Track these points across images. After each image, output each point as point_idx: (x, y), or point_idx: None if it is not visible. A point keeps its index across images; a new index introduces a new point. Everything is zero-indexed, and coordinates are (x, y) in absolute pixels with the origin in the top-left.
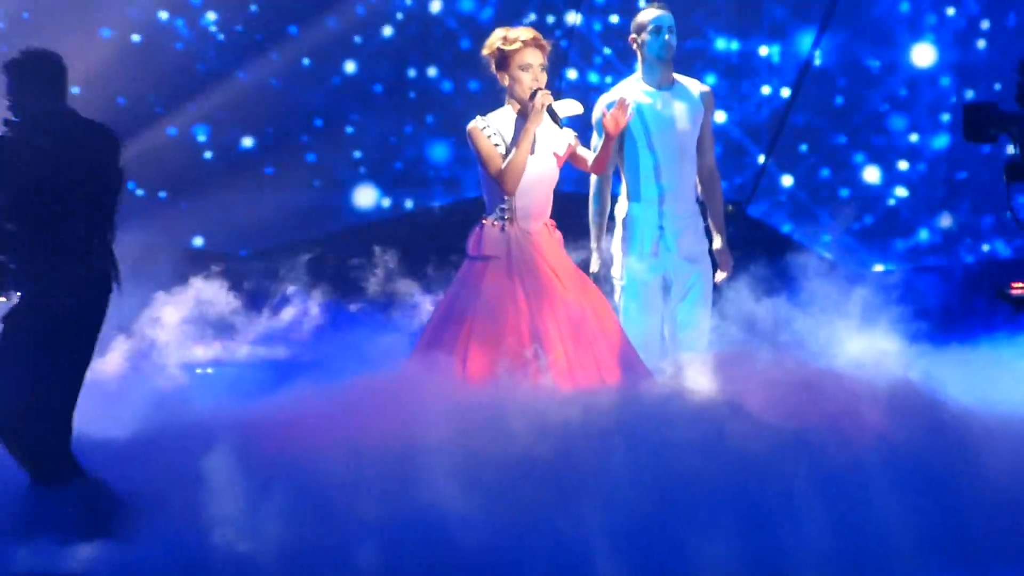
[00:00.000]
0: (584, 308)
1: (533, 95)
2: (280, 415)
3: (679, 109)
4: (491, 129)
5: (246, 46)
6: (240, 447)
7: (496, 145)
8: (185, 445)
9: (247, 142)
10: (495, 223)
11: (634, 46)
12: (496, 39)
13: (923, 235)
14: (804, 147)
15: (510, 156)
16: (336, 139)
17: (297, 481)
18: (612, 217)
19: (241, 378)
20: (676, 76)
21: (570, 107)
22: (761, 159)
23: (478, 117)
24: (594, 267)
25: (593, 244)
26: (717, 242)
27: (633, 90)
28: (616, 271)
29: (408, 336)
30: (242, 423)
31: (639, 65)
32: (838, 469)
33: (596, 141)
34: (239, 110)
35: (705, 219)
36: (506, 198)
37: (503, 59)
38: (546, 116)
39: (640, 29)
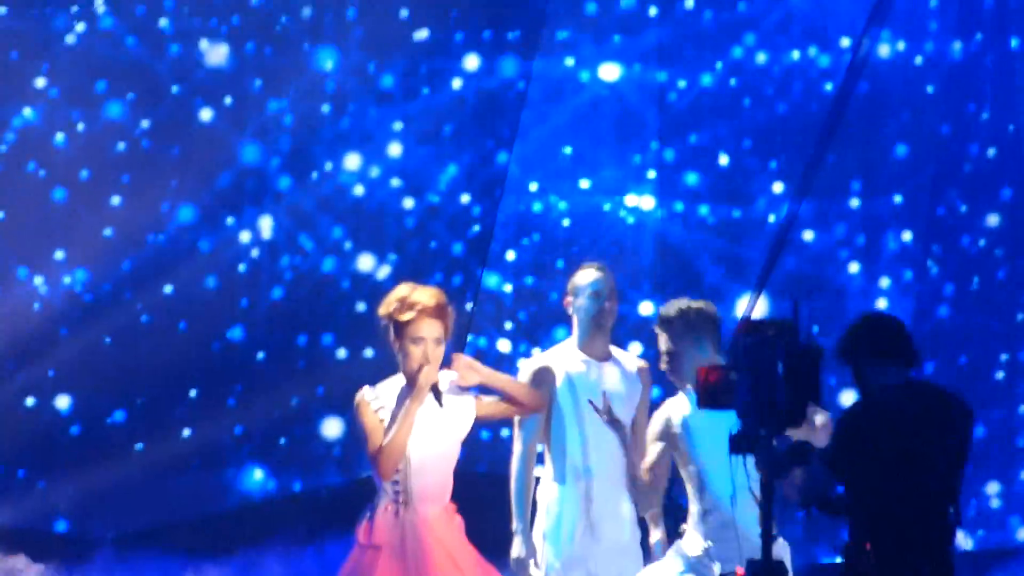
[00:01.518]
0: None
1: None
2: None
3: (613, 382)
4: (379, 402)
5: (113, 306)
6: None
7: (382, 420)
8: None
9: (117, 415)
10: (388, 507)
11: (569, 309)
12: (392, 301)
13: None
14: None
15: (388, 437)
16: (216, 412)
17: None
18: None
19: None
20: (612, 348)
21: (466, 380)
22: None
23: (365, 388)
24: (515, 551)
25: (515, 525)
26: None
27: (566, 357)
28: (538, 560)
29: None
30: None
31: (574, 330)
32: None
33: (500, 408)
34: (107, 379)
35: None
36: (398, 479)
37: (396, 327)
38: (431, 396)
39: (577, 292)
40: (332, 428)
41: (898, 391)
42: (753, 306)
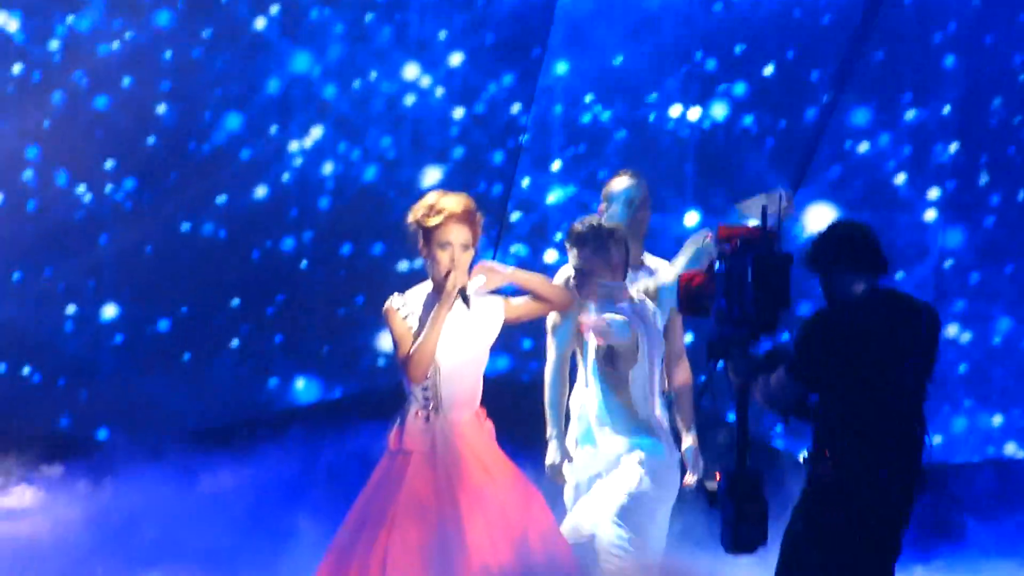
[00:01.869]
0: (516, 507)
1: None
2: None
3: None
4: (408, 309)
5: (157, 215)
6: None
7: (411, 327)
8: None
9: (161, 324)
10: (418, 413)
11: (603, 217)
12: (420, 208)
13: None
14: None
15: (416, 343)
16: (260, 321)
17: None
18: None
19: None
20: (646, 256)
21: (493, 283)
22: None
23: (394, 295)
24: (549, 458)
25: (550, 432)
26: (686, 441)
27: None
28: (567, 470)
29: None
30: None
31: None
32: None
33: (529, 307)
34: (152, 289)
35: (672, 414)
36: (428, 385)
37: (424, 233)
38: (459, 301)
39: (610, 199)
40: (375, 337)
41: (864, 299)
42: (783, 207)
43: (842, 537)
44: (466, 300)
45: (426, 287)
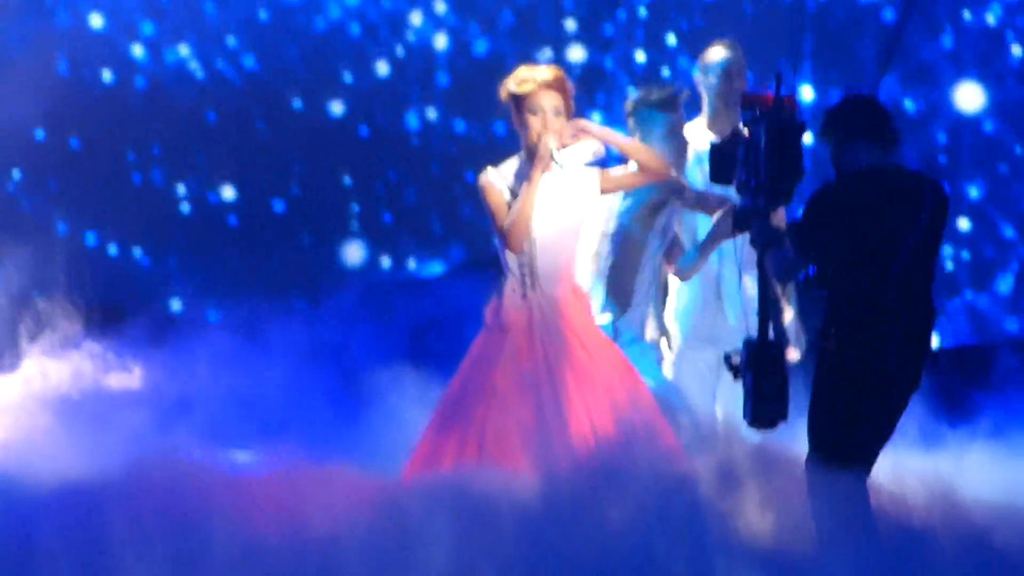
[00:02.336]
0: (612, 380)
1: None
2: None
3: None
4: (503, 182)
5: (220, 83)
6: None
7: (507, 199)
8: None
9: (228, 193)
10: (515, 288)
11: (699, 87)
12: (511, 79)
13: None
14: None
15: (512, 210)
16: (328, 191)
17: None
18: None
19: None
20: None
21: (587, 150)
22: None
23: (488, 168)
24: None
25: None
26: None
27: (694, 135)
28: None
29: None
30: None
31: (703, 108)
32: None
33: (625, 178)
34: (218, 156)
35: None
36: (524, 260)
37: (516, 102)
38: (556, 165)
39: (706, 70)
40: (445, 208)
41: (867, 172)
42: (880, 79)
43: (848, 414)
44: (559, 164)
45: (519, 159)
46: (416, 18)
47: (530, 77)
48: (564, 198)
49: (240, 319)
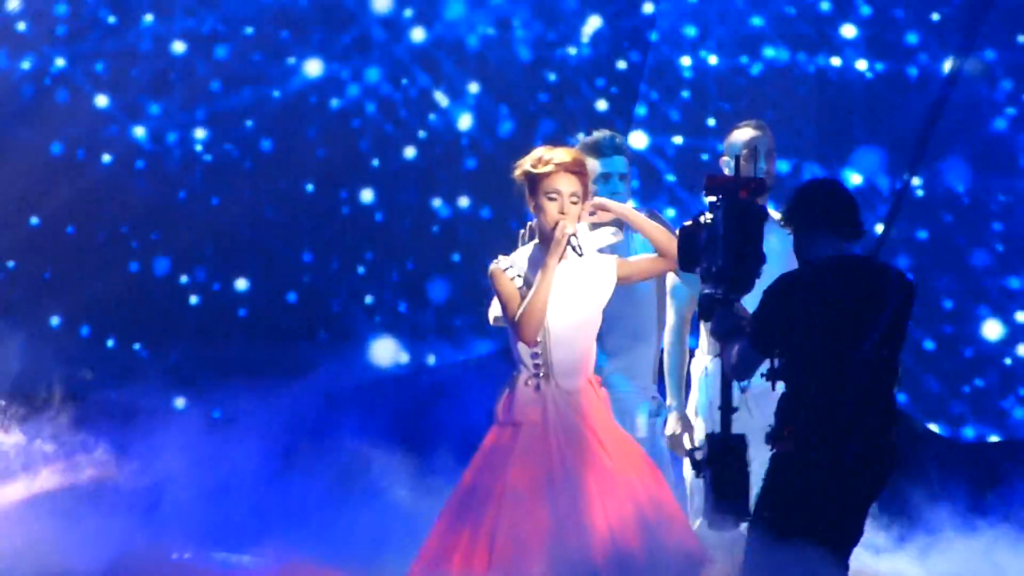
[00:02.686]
0: (633, 481)
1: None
2: None
3: (775, 247)
4: (515, 270)
5: (231, 169)
6: None
7: (520, 288)
8: None
9: (240, 284)
10: (528, 382)
11: (725, 170)
12: (528, 160)
13: None
14: None
15: (525, 299)
16: (346, 281)
17: None
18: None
19: None
20: (769, 210)
21: (606, 237)
22: None
23: (500, 257)
24: (670, 428)
25: (670, 400)
26: None
27: None
28: (692, 437)
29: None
30: None
31: None
32: None
33: (643, 265)
34: (231, 247)
35: None
36: (538, 351)
37: (532, 183)
38: (572, 252)
39: (731, 151)
40: (471, 296)
41: (829, 263)
42: (915, 163)
43: (801, 520)
44: (577, 250)
45: (532, 247)
46: (443, 99)
47: (551, 158)
48: (581, 286)
49: (246, 413)
